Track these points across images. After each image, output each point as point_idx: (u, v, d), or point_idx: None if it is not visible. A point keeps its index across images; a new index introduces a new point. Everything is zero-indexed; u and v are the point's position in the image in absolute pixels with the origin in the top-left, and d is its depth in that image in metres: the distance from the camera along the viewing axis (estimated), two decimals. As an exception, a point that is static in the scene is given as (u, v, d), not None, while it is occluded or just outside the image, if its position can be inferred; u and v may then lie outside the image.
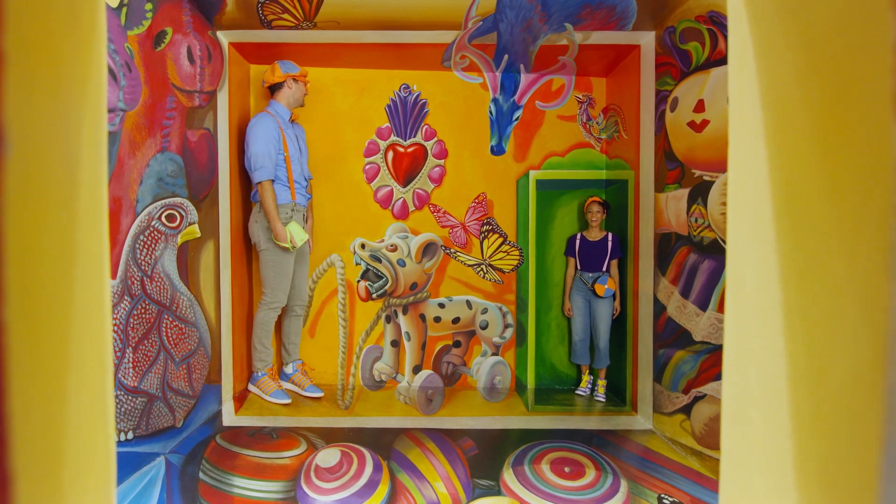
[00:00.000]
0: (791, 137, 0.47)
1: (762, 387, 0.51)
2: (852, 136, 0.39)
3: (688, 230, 2.42)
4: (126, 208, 2.05)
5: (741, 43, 0.54)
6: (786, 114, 0.47)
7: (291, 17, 2.68)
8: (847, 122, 0.40)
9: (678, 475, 2.16)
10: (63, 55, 0.43)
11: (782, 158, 0.48)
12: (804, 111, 0.45)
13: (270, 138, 2.76)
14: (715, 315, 2.23)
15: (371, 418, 2.77)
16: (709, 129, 2.28)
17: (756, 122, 0.51)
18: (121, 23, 1.98)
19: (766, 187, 0.50)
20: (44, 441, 0.39)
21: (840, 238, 0.40)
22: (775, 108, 0.49)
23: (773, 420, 0.49)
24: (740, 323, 0.56)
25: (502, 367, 3.32)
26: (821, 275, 0.42)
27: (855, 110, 0.39)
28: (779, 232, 0.49)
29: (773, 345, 0.49)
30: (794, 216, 0.47)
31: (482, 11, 2.66)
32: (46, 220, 0.40)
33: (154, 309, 2.21)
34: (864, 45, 0.38)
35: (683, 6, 2.43)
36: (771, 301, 0.50)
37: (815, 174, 0.43)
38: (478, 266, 3.40)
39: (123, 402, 2.02)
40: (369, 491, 2.00)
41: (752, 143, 0.52)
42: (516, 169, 3.39)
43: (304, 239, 2.78)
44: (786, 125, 0.48)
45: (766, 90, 0.50)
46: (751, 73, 0.52)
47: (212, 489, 2.00)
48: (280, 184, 2.83)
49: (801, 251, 0.45)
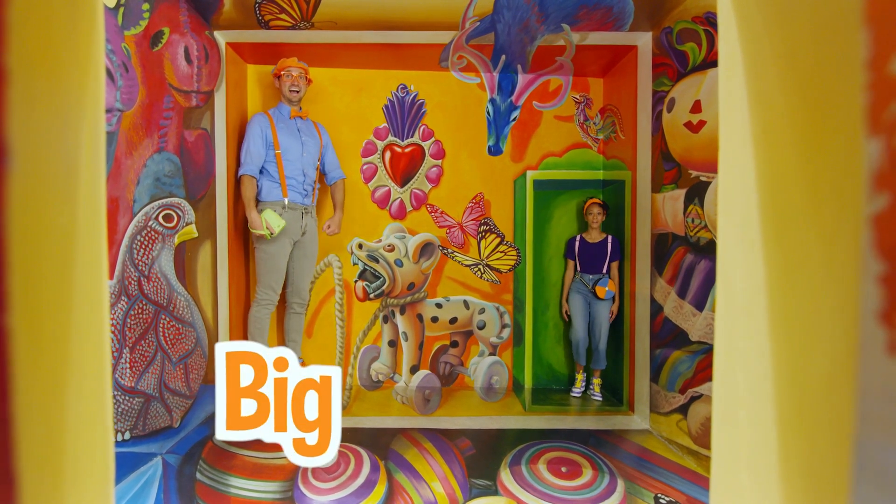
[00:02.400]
0: (776, 144, 0.48)
1: (749, 387, 0.52)
2: (830, 147, 0.40)
3: (684, 230, 2.43)
4: (123, 208, 2.05)
5: (730, 51, 0.55)
6: (771, 121, 0.48)
7: (289, 17, 2.68)
8: (825, 133, 0.41)
9: (675, 475, 2.17)
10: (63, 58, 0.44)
11: (768, 164, 0.49)
12: (788, 119, 0.46)
13: (255, 136, 2.80)
14: (711, 315, 2.24)
15: (368, 418, 2.77)
16: (705, 130, 2.29)
17: (744, 129, 0.52)
18: (118, 23, 1.97)
19: (754, 192, 0.51)
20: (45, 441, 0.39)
21: (819, 243, 0.41)
22: (762, 115, 0.50)
23: (759, 420, 0.50)
24: (729, 324, 0.57)
25: (499, 367, 3.32)
26: (802, 278, 0.43)
27: (832, 122, 0.40)
28: (765, 235, 0.50)
29: (759, 346, 0.50)
30: (779, 220, 0.48)
31: (479, 12, 2.66)
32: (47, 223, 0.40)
33: (151, 309, 2.21)
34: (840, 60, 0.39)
35: (680, 7, 2.44)
36: (757, 302, 0.51)
37: (798, 181, 0.44)
38: (475, 266, 3.41)
39: (120, 402, 2.02)
40: (366, 491, 2.00)
41: (741, 148, 0.53)
42: (514, 169, 3.40)
43: (280, 225, 2.76)
44: (771, 132, 0.48)
45: (754, 97, 0.51)
46: (739, 80, 0.53)
47: (209, 489, 2.00)
48: (270, 180, 2.83)
49: (785, 255, 0.46)
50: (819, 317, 0.41)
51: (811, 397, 0.43)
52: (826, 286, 0.40)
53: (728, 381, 0.56)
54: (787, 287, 0.46)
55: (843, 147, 0.38)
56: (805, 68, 0.43)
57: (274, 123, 2.85)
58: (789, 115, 0.45)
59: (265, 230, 2.74)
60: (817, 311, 0.41)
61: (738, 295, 0.54)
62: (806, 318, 0.43)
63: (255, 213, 2.77)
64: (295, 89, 2.89)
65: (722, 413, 0.58)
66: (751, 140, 0.51)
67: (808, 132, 0.43)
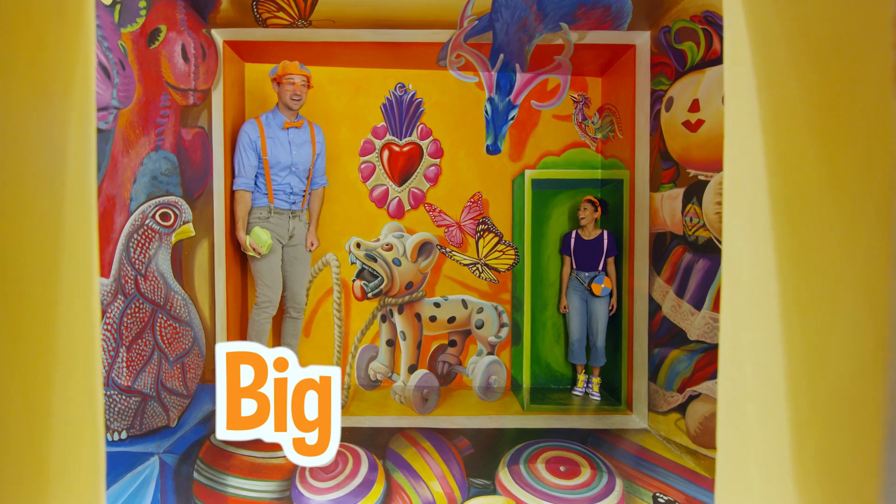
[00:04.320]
0: (788, 129, 0.46)
1: (758, 380, 0.51)
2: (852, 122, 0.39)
3: (683, 229, 2.43)
4: (120, 207, 2.04)
5: (737, 37, 0.54)
6: (783, 106, 0.47)
7: (286, 16, 2.67)
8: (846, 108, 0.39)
9: (673, 474, 2.16)
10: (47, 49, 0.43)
11: (779, 151, 0.48)
12: (802, 102, 0.44)
13: (246, 147, 2.78)
14: (710, 314, 2.23)
15: (366, 418, 2.76)
16: (704, 129, 2.29)
17: (752, 115, 0.51)
18: (114, 20, 1.96)
19: (763, 180, 0.50)
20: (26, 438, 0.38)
21: (839, 228, 0.39)
22: (772, 100, 0.49)
23: (770, 413, 0.49)
24: (736, 317, 0.56)
25: (498, 366, 3.32)
26: (818, 266, 0.42)
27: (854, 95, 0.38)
28: (775, 225, 0.48)
29: (770, 338, 0.49)
30: (792, 208, 0.46)
31: (478, 10, 2.66)
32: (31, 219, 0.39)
33: (148, 308, 2.20)
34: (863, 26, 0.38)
35: (678, 6, 2.43)
36: (767, 294, 0.49)
37: (813, 164, 0.43)
38: (473, 265, 3.40)
39: (117, 401, 2.01)
40: (365, 490, 1.99)
41: (749, 136, 0.52)
42: (512, 168, 3.39)
43: (267, 245, 2.74)
44: (783, 117, 0.47)
45: (763, 83, 0.50)
46: (747, 66, 0.52)
47: (206, 489, 1.99)
48: (256, 189, 2.83)
49: (798, 243, 0.45)
50: (840, 305, 0.39)
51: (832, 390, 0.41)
52: (847, 272, 0.38)
53: (735, 373, 0.55)
54: (802, 276, 0.44)
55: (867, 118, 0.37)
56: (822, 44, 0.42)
57: (264, 132, 2.79)
58: (803, 96, 0.44)
59: (251, 251, 2.75)
60: (838, 299, 0.40)
61: (746, 286, 0.53)
62: (824, 307, 0.42)
63: (242, 233, 2.78)
64: (296, 98, 2.77)
65: (728, 406, 0.57)
66: (759, 125, 0.50)
67: (826, 111, 0.42)
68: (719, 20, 2.17)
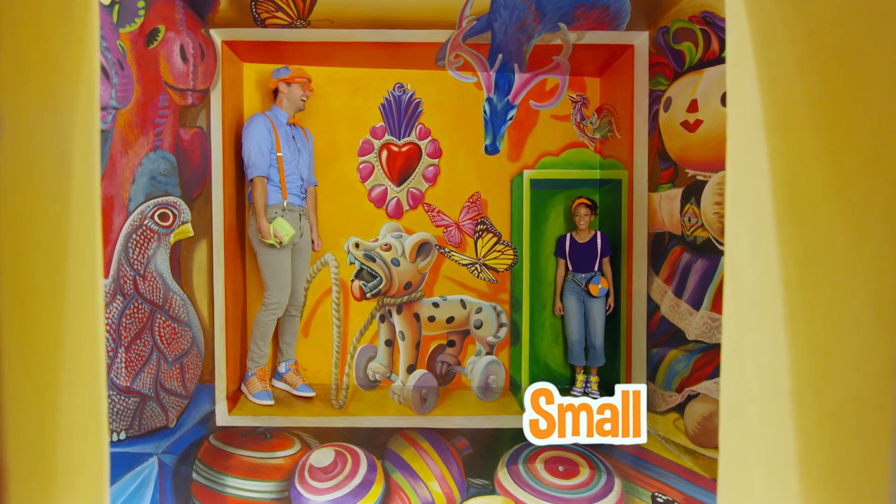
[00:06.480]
0: (792, 130, 0.46)
1: (761, 381, 0.51)
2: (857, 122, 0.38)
3: (681, 230, 2.43)
4: (118, 207, 2.04)
5: (739, 38, 0.54)
6: (787, 107, 0.47)
7: (285, 16, 2.67)
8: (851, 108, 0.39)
9: (672, 474, 2.17)
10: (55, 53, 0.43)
11: (783, 151, 0.48)
12: (806, 103, 0.44)
13: (262, 137, 2.77)
14: (708, 314, 2.24)
15: (365, 418, 2.76)
16: (702, 129, 2.29)
17: (755, 116, 0.51)
18: (113, 20, 1.96)
19: (766, 181, 0.49)
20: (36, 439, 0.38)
21: (845, 230, 0.39)
22: (775, 101, 0.48)
23: (774, 415, 0.49)
24: (739, 318, 0.56)
25: (496, 366, 3.32)
26: (824, 269, 0.42)
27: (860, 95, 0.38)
28: (779, 225, 0.48)
29: (773, 340, 0.49)
30: (796, 209, 0.46)
31: (476, 11, 2.66)
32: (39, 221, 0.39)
33: (147, 308, 2.19)
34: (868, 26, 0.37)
35: (677, 6, 2.44)
36: (771, 296, 0.49)
37: (818, 165, 0.42)
38: (472, 265, 3.40)
39: (116, 401, 2.00)
40: (363, 490, 1.99)
41: (752, 137, 0.52)
42: (510, 168, 3.40)
43: (290, 234, 2.73)
44: (786, 117, 0.47)
45: (766, 84, 0.50)
46: (749, 67, 0.52)
47: (205, 489, 1.99)
48: (271, 184, 2.82)
49: (803, 245, 0.45)
50: (847, 306, 0.39)
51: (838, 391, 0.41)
52: (855, 273, 0.38)
53: (737, 375, 0.55)
54: (807, 277, 0.44)
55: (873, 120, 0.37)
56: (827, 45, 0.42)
57: (276, 127, 2.84)
58: (808, 97, 0.44)
59: (274, 239, 2.73)
60: (844, 300, 0.40)
61: (749, 287, 0.53)
62: (831, 307, 0.41)
63: (264, 221, 2.74)
64: (305, 99, 2.94)
65: (731, 407, 0.57)
66: (762, 126, 0.50)
67: (832, 110, 0.41)
68: (718, 21, 2.18)
